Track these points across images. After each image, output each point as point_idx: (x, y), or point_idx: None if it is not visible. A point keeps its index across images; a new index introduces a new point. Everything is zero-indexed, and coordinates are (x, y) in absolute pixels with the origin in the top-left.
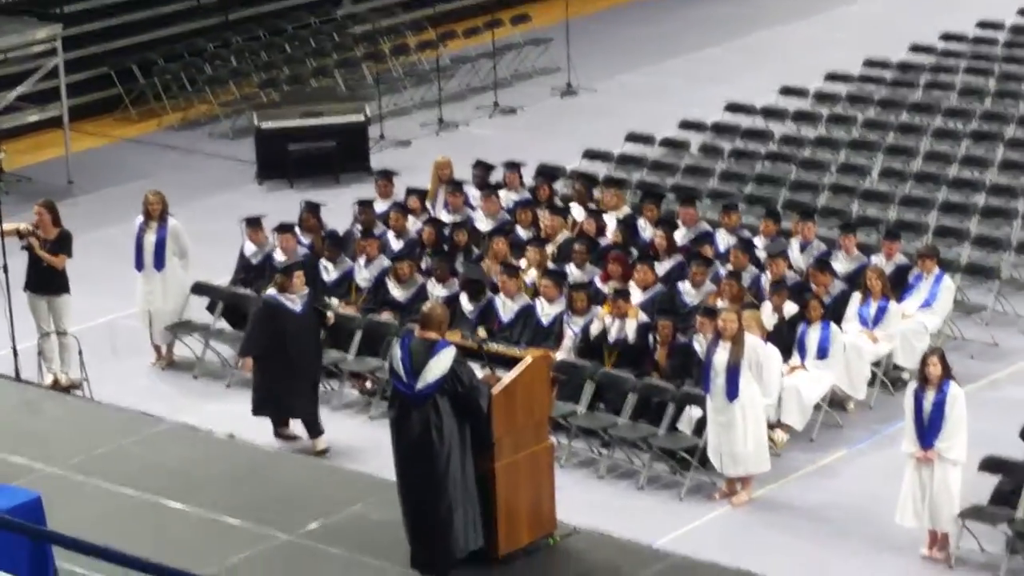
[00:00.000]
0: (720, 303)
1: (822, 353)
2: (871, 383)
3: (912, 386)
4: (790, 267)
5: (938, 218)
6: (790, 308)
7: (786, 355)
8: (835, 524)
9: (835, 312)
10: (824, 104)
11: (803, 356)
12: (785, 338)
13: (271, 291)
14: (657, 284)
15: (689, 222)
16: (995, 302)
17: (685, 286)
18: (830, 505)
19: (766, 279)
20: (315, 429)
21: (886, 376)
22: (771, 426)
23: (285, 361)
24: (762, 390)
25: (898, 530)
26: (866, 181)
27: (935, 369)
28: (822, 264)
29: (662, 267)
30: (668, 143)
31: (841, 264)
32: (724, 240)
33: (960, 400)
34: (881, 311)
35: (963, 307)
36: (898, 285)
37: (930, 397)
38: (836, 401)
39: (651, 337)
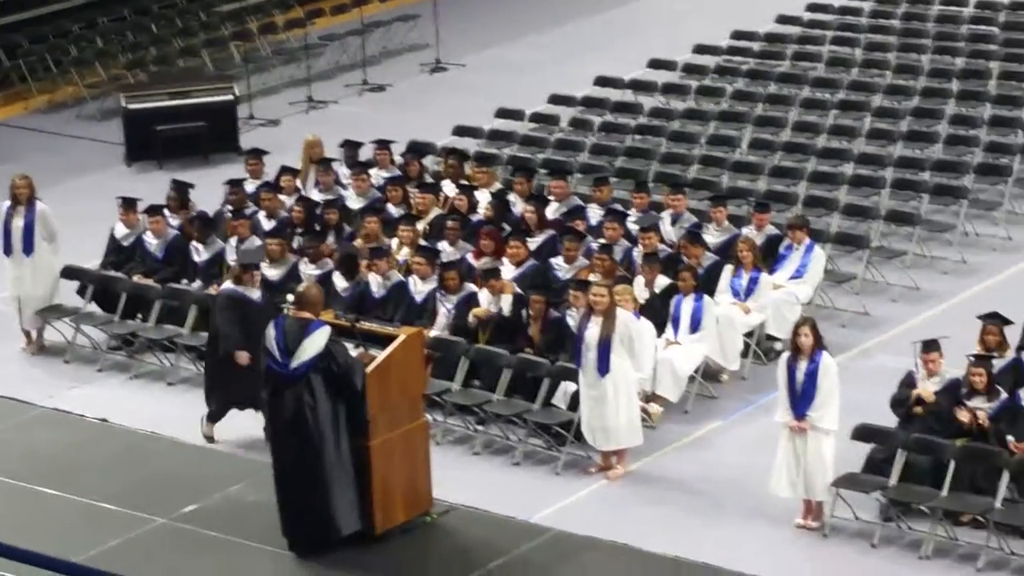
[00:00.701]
0: (592, 277)
1: (695, 325)
2: (744, 354)
3: (784, 356)
4: (662, 240)
5: (807, 188)
6: (662, 281)
7: (660, 328)
8: (710, 495)
9: (707, 284)
10: (692, 76)
11: (676, 329)
12: (658, 311)
13: (228, 284)
14: (530, 259)
15: (560, 196)
16: (865, 271)
17: (558, 261)
18: (705, 477)
19: (638, 252)
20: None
21: (759, 347)
22: (646, 399)
23: (252, 353)
24: (634, 364)
25: (773, 500)
26: (735, 152)
27: (807, 339)
28: (694, 236)
29: (534, 242)
30: (538, 118)
31: (712, 236)
32: (596, 214)
33: (832, 370)
34: (753, 282)
35: (834, 276)
36: (769, 256)
37: (802, 367)
38: (710, 373)
39: (524, 312)
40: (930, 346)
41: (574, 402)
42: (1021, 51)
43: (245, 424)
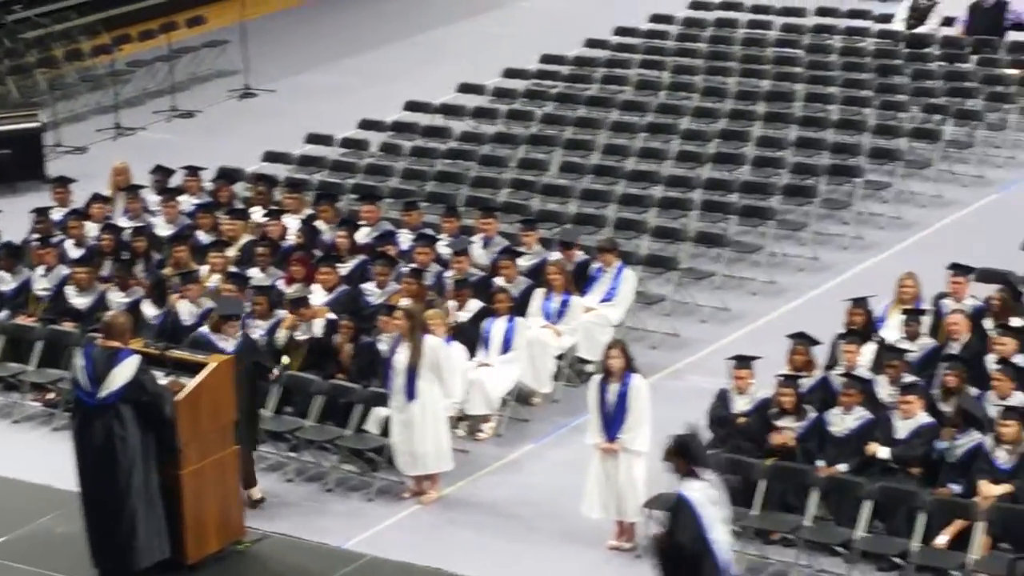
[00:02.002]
0: (404, 302)
1: (506, 347)
2: (556, 376)
3: (596, 378)
4: (473, 264)
5: (617, 211)
6: (473, 304)
7: (471, 350)
8: (524, 518)
9: (519, 307)
10: (502, 100)
11: (488, 350)
12: (469, 334)
13: (203, 329)
14: (341, 284)
15: (371, 221)
16: (675, 292)
17: (369, 286)
18: (519, 500)
19: (449, 276)
20: (251, 479)
21: (570, 369)
22: (469, 418)
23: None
24: (443, 390)
25: (585, 522)
26: (545, 176)
27: (617, 361)
28: (510, 254)
29: (345, 267)
30: (348, 143)
31: (523, 259)
32: (407, 239)
33: (643, 391)
34: (564, 305)
35: (644, 298)
36: (580, 278)
37: (613, 389)
38: (522, 395)
39: (335, 338)
40: (742, 363)
41: (386, 427)
42: (825, 73)
43: None
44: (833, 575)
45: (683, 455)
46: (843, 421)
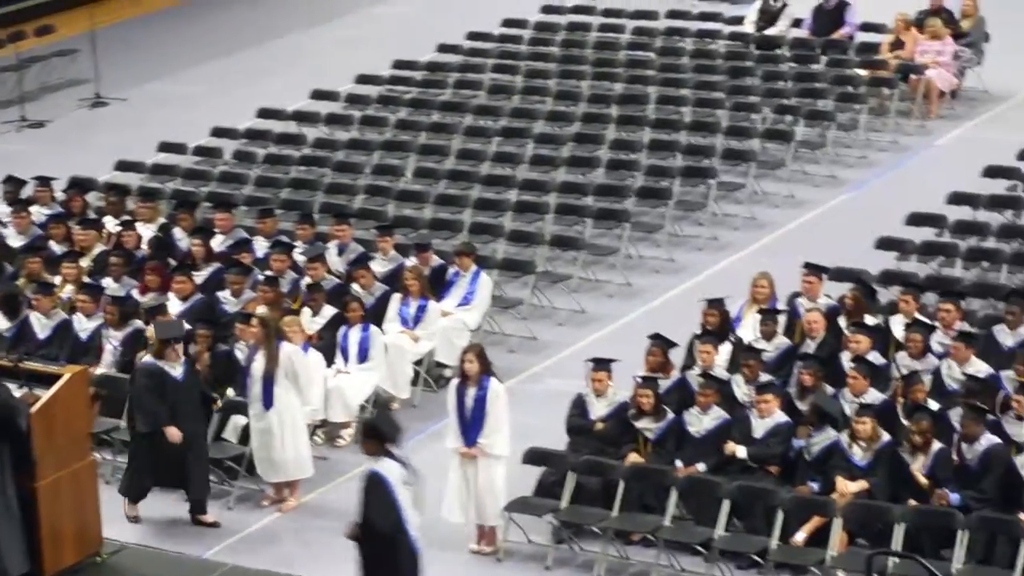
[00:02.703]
0: (260, 309)
1: (363, 355)
2: (414, 382)
3: (454, 383)
4: (329, 271)
5: (473, 215)
6: (329, 311)
7: (329, 358)
8: None
9: (376, 313)
10: (356, 106)
11: (346, 358)
12: (327, 342)
13: (147, 358)
14: (196, 293)
15: (225, 229)
16: (532, 296)
17: (224, 294)
18: None
19: (304, 283)
20: (203, 507)
21: (428, 374)
22: (328, 425)
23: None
24: (301, 398)
25: (446, 526)
26: (400, 182)
27: (474, 365)
28: (363, 262)
29: (200, 276)
30: (201, 151)
31: (379, 265)
32: (262, 246)
33: (501, 395)
34: (421, 310)
35: (501, 302)
36: (436, 284)
37: (471, 393)
38: (380, 402)
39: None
40: (600, 365)
41: (245, 435)
42: (677, 76)
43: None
44: (694, 574)
45: (374, 435)
46: (701, 421)
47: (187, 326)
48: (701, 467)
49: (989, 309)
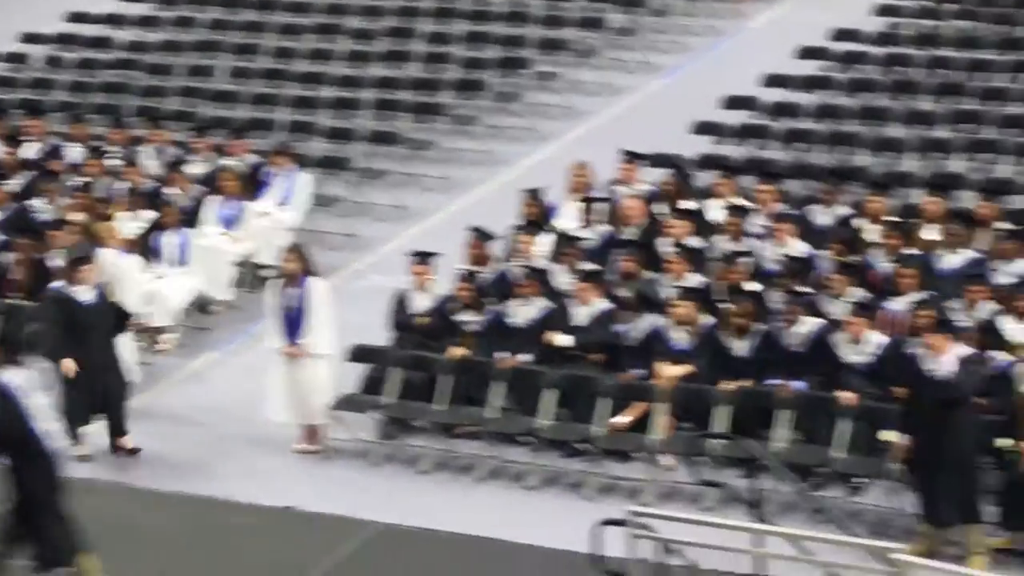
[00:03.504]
0: (73, 216)
1: (182, 258)
2: (235, 283)
3: (275, 283)
4: (144, 174)
5: (289, 114)
6: (148, 215)
7: (148, 262)
8: (211, 426)
9: (193, 216)
10: (167, 7)
11: (164, 262)
12: (145, 246)
13: (57, 284)
14: (9, 202)
15: (37, 136)
16: (350, 192)
17: (38, 202)
18: (205, 407)
19: (120, 188)
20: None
21: (249, 275)
22: (150, 330)
23: (87, 358)
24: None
25: (272, 426)
26: (214, 82)
27: (294, 264)
28: (179, 165)
29: (12, 184)
30: (11, 57)
31: (197, 167)
32: (75, 152)
33: (322, 293)
34: (239, 211)
35: (320, 200)
36: (253, 184)
37: (292, 293)
38: (201, 304)
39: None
40: (421, 259)
41: None
42: None
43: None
44: (519, 464)
45: (2, 343)
46: (523, 312)
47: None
48: (525, 357)
49: (806, 189)
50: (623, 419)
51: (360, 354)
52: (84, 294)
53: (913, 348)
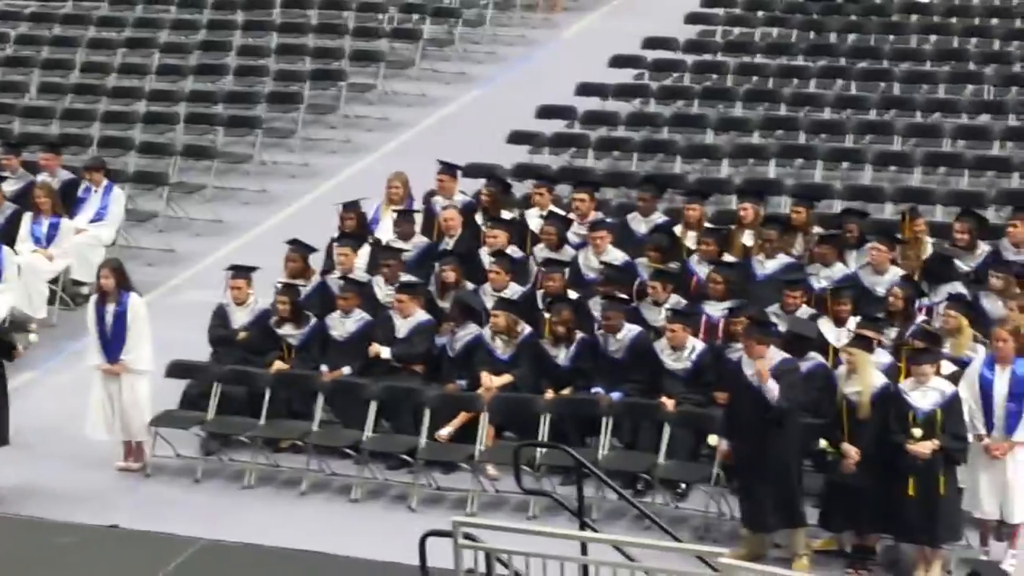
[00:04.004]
0: None
1: None
2: (51, 301)
3: (92, 300)
4: None
5: (101, 129)
6: None
7: None
8: (31, 446)
9: (7, 233)
10: None
11: None
12: None
13: None
14: None
15: None
16: (167, 207)
17: None
18: (25, 427)
19: None
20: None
21: (65, 292)
22: None
23: None
24: None
25: (93, 444)
26: (25, 98)
27: (110, 281)
28: None
29: None
30: None
31: (8, 184)
32: None
33: (140, 309)
34: (53, 228)
35: (135, 215)
36: (68, 200)
37: (110, 309)
38: (17, 323)
39: None
40: (239, 273)
41: None
42: None
43: None
44: (344, 477)
45: None
46: (343, 324)
47: None
48: (346, 370)
49: (623, 197)
50: (447, 430)
51: (179, 370)
52: None
53: (732, 353)
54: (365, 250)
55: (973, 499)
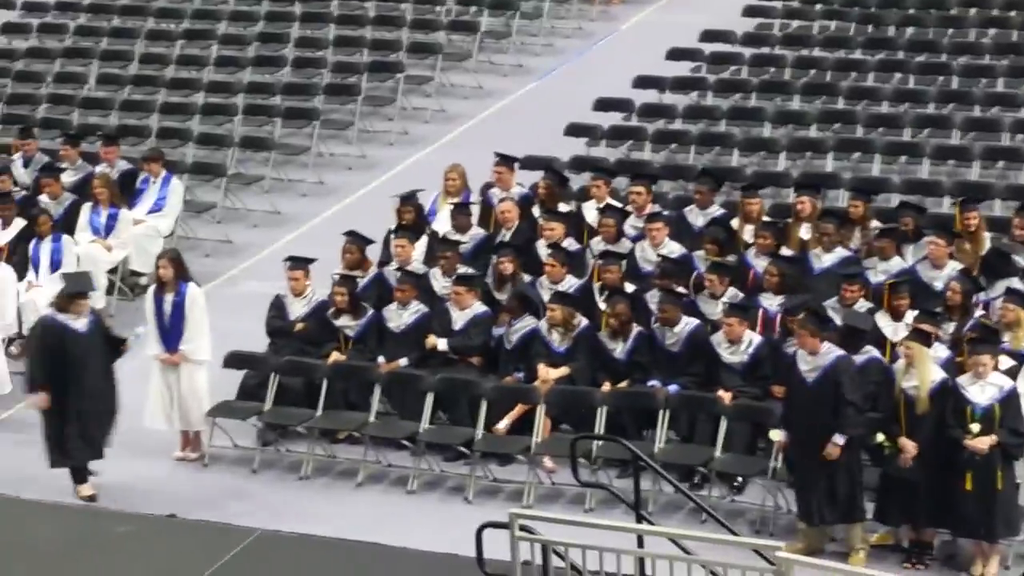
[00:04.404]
0: None
1: (56, 266)
2: (110, 291)
3: (151, 290)
4: (15, 183)
5: (160, 120)
6: (18, 224)
7: (22, 272)
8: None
9: (66, 224)
10: (33, 15)
11: (37, 271)
12: (19, 256)
13: (49, 312)
14: None
15: None
16: (224, 198)
17: None
18: None
19: None
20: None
21: (123, 283)
22: (24, 339)
23: (78, 392)
24: None
25: (151, 433)
26: (84, 89)
27: (168, 271)
28: (50, 172)
29: None
30: None
31: (67, 175)
32: None
33: (199, 300)
34: (112, 218)
35: (193, 206)
36: (126, 190)
37: (169, 300)
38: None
39: None
40: (296, 264)
41: None
42: None
43: None
44: (401, 468)
45: None
46: (400, 316)
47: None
48: (403, 362)
49: (679, 190)
50: (504, 422)
51: (237, 360)
52: (78, 323)
53: (788, 347)
54: (422, 242)
55: None
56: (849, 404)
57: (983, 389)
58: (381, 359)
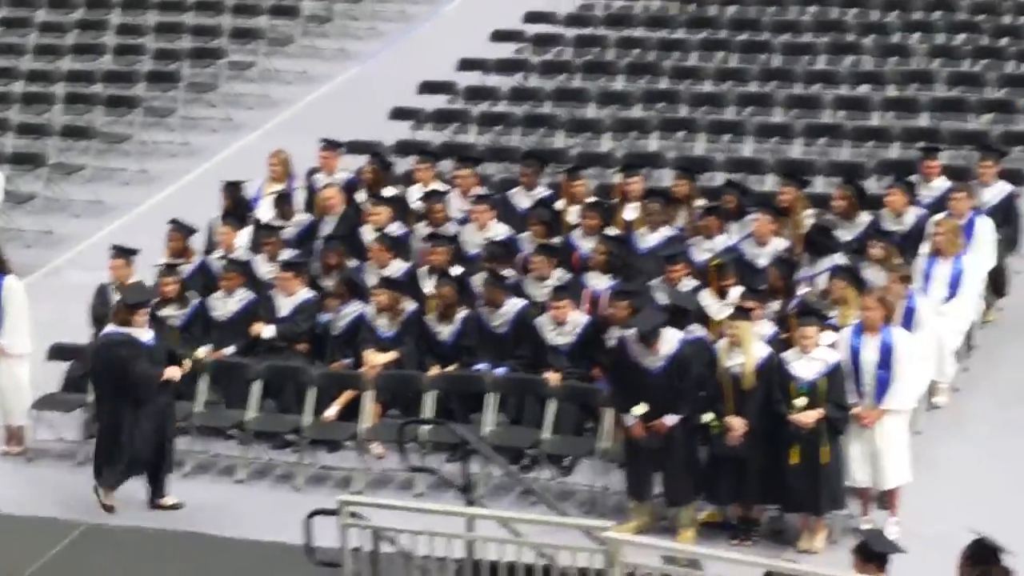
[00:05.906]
0: None
1: None
2: None
3: None
4: None
5: None
6: None
7: None
8: None
9: None
10: None
11: None
12: None
13: (110, 327)
14: None
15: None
16: (45, 188)
17: None
18: None
19: None
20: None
21: None
22: None
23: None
24: None
25: None
26: None
27: None
28: None
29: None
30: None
31: None
32: None
33: (18, 292)
34: None
35: (14, 197)
36: None
37: None
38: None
39: None
40: (120, 253)
41: None
42: None
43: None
44: (228, 458)
45: None
46: (226, 304)
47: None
48: (229, 350)
49: (505, 172)
50: (333, 409)
51: (61, 352)
52: (143, 335)
53: (622, 333)
54: (247, 229)
55: (845, 468)
56: (689, 386)
57: (808, 364)
58: (206, 348)
